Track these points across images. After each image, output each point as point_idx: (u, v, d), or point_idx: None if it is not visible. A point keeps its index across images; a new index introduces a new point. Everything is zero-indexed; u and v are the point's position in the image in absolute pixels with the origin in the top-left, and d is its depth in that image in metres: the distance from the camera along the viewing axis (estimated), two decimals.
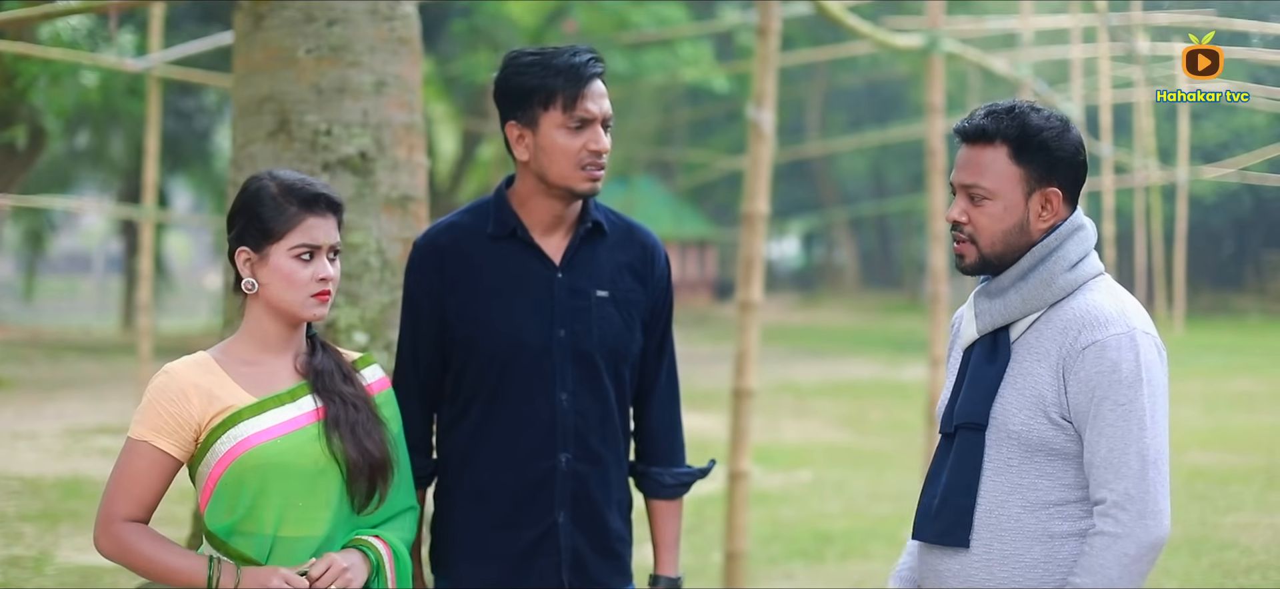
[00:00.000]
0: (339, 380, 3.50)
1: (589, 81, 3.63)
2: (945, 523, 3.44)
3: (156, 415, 3.39)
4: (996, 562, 3.37)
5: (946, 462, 3.49)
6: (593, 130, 3.62)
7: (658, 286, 3.85)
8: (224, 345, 3.54)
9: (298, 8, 5.62)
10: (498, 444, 3.70)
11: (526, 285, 3.70)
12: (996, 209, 3.41)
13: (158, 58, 17.43)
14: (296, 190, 3.45)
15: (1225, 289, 40.54)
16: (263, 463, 3.37)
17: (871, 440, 16.29)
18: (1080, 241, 3.44)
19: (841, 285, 55.77)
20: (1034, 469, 3.36)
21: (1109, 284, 3.46)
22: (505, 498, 3.69)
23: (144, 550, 3.36)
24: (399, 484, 3.56)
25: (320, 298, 3.45)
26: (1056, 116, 3.46)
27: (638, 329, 3.80)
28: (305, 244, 3.42)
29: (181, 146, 33.97)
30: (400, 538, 3.52)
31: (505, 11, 30.73)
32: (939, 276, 12.02)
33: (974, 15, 31.93)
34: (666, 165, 45.55)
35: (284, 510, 3.38)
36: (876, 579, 9.07)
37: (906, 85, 44.80)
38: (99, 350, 28.19)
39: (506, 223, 3.72)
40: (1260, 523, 10.46)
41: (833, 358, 27.89)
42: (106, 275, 62.14)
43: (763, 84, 7.90)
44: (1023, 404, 3.36)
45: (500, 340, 3.68)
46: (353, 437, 3.43)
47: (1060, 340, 3.35)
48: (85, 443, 15.17)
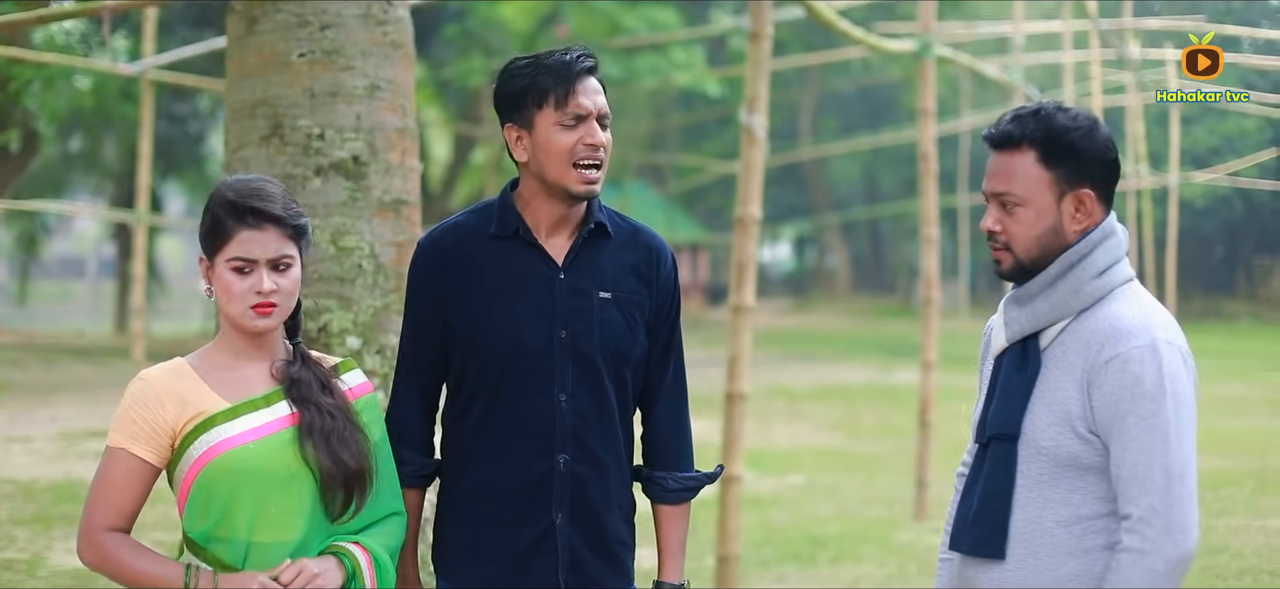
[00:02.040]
0: (317, 390, 3.48)
1: (580, 77, 3.63)
2: (980, 534, 3.43)
3: (132, 422, 3.39)
4: (1031, 576, 3.36)
5: (981, 472, 3.48)
6: (587, 125, 3.62)
7: (663, 289, 3.83)
8: (202, 352, 3.54)
9: (290, 12, 5.62)
10: (497, 444, 3.70)
11: (528, 285, 3.69)
12: (1029, 215, 3.39)
13: (151, 62, 17.46)
14: (233, 202, 3.41)
15: (1217, 294, 40.58)
16: (234, 467, 3.36)
17: (864, 444, 16.32)
18: (1109, 249, 3.41)
19: (834, 289, 55.79)
20: (1066, 484, 3.35)
21: (1136, 291, 3.43)
22: (504, 498, 3.68)
23: (122, 559, 3.36)
24: (382, 490, 3.55)
25: (258, 310, 3.41)
26: (1084, 115, 3.42)
27: (641, 332, 3.78)
28: (239, 257, 3.40)
29: (175, 151, 34.00)
30: (381, 544, 3.51)
31: (498, 16, 30.77)
32: (931, 281, 12.06)
33: (966, 19, 31.98)
34: (659, 170, 45.58)
35: (257, 515, 3.37)
36: (868, 583, 9.09)
37: (898, 90, 44.86)
38: (93, 354, 28.16)
39: (510, 222, 3.72)
40: (1251, 527, 10.50)
41: (825, 362, 27.92)
42: (100, 279, 62.04)
43: (755, 88, 7.93)
44: (1051, 420, 3.34)
45: (501, 340, 3.67)
46: (327, 446, 3.41)
47: (1084, 354, 3.32)
48: (79, 446, 15.16)
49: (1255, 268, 42.24)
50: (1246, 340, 30.46)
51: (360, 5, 5.65)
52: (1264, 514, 11.07)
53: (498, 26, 31.16)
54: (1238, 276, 43.23)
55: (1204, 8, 19.20)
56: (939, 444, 11.83)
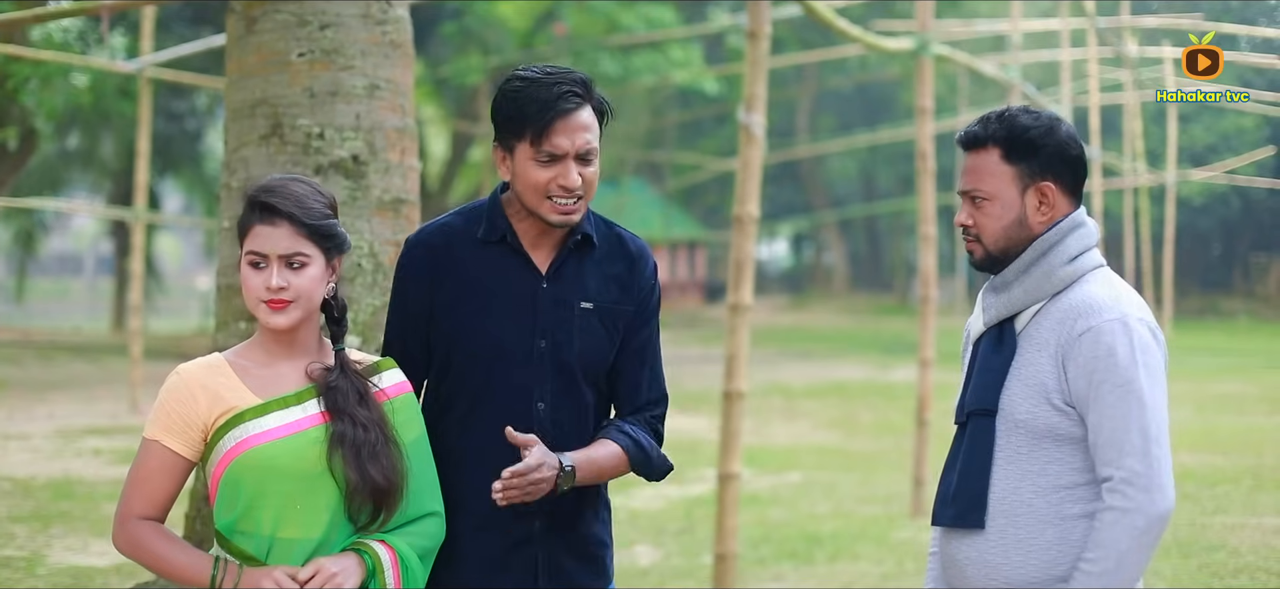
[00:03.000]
0: (353, 402, 3.51)
1: (563, 116, 3.58)
2: (961, 506, 3.60)
3: (166, 415, 3.46)
4: (1011, 545, 3.51)
5: (960, 448, 3.64)
6: (562, 165, 3.60)
7: (641, 293, 3.84)
8: (238, 348, 3.60)
9: (290, 12, 5.64)
10: (477, 449, 3.70)
11: (511, 293, 3.72)
12: (995, 209, 3.60)
13: (149, 59, 17.46)
14: (252, 198, 3.49)
15: (1213, 291, 40.67)
16: (260, 463, 3.41)
17: (861, 442, 16.33)
18: (1080, 237, 3.59)
19: (831, 287, 55.85)
20: (1043, 455, 3.51)
21: (1107, 275, 3.60)
22: (483, 502, 3.65)
23: (155, 548, 3.45)
24: (419, 490, 3.57)
25: (272, 306, 3.46)
26: (1046, 115, 3.63)
27: (620, 339, 3.82)
28: (254, 252, 3.46)
29: (172, 148, 34.01)
30: (411, 544, 3.53)
31: (496, 14, 30.77)
32: (928, 279, 12.07)
33: (963, 17, 32.02)
34: (656, 167, 45.62)
35: (281, 512, 3.42)
36: (866, 581, 9.10)
37: (895, 88, 44.92)
38: (90, 351, 28.17)
39: (498, 228, 3.74)
40: (1248, 525, 10.51)
41: (822, 360, 27.93)
42: (97, 276, 62.11)
43: (753, 87, 7.93)
44: (1027, 393, 3.51)
45: (482, 344, 3.70)
46: (356, 459, 3.44)
47: (1058, 329, 3.50)
48: (77, 444, 15.17)
49: (1252, 265, 42.31)
50: (1243, 338, 30.49)
51: (359, 5, 5.68)
52: (1261, 512, 11.08)
53: (495, 24, 31.17)
54: (1235, 274, 43.30)
55: (1201, 6, 19.22)
56: (936, 442, 11.83)
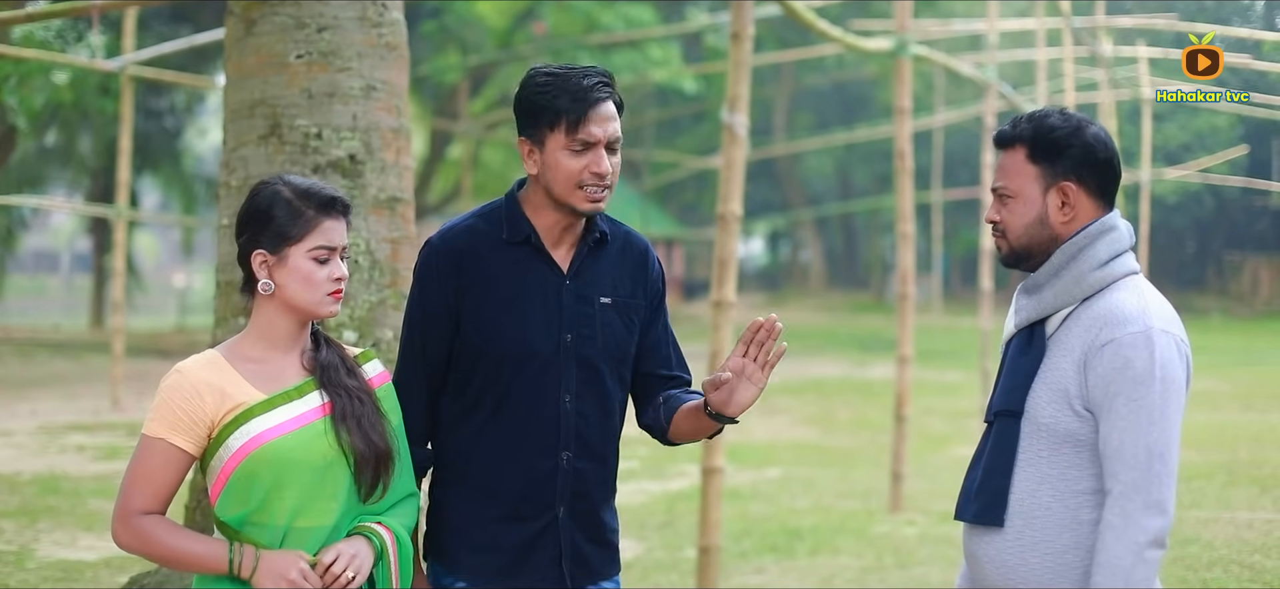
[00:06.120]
0: (343, 374, 3.66)
1: (595, 105, 3.72)
2: (983, 503, 3.66)
3: (171, 413, 3.52)
4: (1028, 547, 3.58)
5: (986, 446, 3.72)
6: (595, 153, 3.73)
7: (654, 287, 4.03)
8: (230, 344, 3.68)
9: (288, 14, 5.73)
10: (503, 443, 3.83)
11: (538, 293, 3.83)
12: (1019, 206, 3.68)
13: (130, 58, 17.49)
14: (313, 195, 3.60)
15: (1187, 289, 40.82)
16: (276, 458, 3.51)
17: (839, 438, 16.46)
18: (1111, 242, 3.63)
19: (807, 284, 55.94)
20: (1063, 459, 3.57)
21: (1138, 283, 3.63)
22: (508, 493, 3.82)
23: (165, 540, 3.51)
24: (401, 473, 3.71)
25: (335, 296, 3.62)
26: (1076, 117, 3.69)
27: (638, 332, 3.98)
28: (323, 246, 3.58)
29: (151, 146, 33.92)
30: (402, 524, 3.68)
31: (474, 12, 30.80)
32: (906, 276, 12.20)
33: (940, 17, 32.16)
34: (634, 165, 45.65)
35: (298, 503, 3.53)
36: (846, 574, 9.22)
37: (872, 86, 45.06)
38: (70, 348, 28.15)
39: (521, 229, 3.84)
40: (1221, 519, 10.64)
41: (800, 357, 28.01)
42: (73, 273, 61.89)
43: (736, 87, 7.99)
44: (1051, 397, 3.57)
45: (512, 346, 3.80)
46: (359, 429, 3.59)
47: (1084, 336, 3.54)
48: (60, 440, 15.24)
49: (1225, 263, 42.58)
50: (1217, 335, 30.65)
51: (356, 7, 5.77)
52: (1234, 506, 11.22)
53: (474, 23, 31.22)
54: (1208, 272, 43.57)
55: (1176, 6, 19.38)
56: (914, 438, 11.97)
